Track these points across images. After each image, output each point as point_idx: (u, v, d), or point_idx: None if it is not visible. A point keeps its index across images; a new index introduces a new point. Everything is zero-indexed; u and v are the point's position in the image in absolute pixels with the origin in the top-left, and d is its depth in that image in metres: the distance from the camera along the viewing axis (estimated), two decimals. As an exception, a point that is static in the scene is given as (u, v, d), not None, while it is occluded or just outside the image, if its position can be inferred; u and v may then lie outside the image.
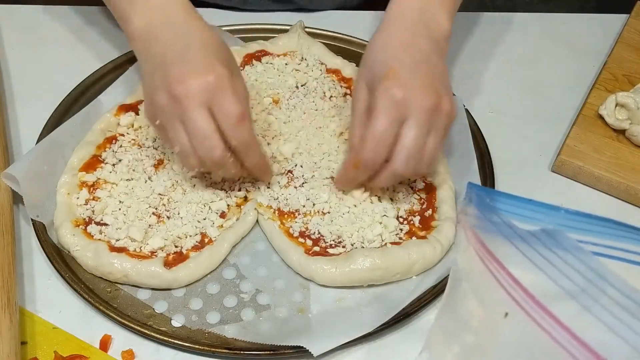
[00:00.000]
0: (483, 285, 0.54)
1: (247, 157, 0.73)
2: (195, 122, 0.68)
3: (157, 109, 0.71)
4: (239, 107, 0.69)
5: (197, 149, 0.70)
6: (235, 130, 0.69)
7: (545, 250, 0.49)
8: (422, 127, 0.70)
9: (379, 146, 0.70)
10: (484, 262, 0.53)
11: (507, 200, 0.52)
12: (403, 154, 0.70)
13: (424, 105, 0.70)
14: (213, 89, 0.68)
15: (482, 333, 0.57)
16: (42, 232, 0.75)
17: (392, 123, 0.70)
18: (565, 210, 0.51)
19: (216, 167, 0.73)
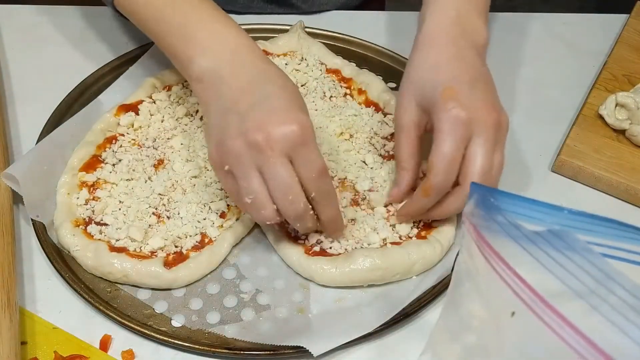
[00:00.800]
0: (488, 285, 0.54)
1: (325, 210, 0.70)
2: (279, 172, 0.65)
3: (229, 155, 0.67)
4: (321, 161, 0.67)
5: (279, 200, 0.66)
6: (318, 183, 0.67)
7: (553, 250, 0.49)
8: (489, 145, 0.69)
9: (449, 170, 0.69)
10: (489, 262, 0.53)
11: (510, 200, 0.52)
12: (476, 175, 0.69)
13: (487, 123, 0.69)
14: (296, 140, 0.65)
15: (486, 333, 0.57)
16: (42, 232, 0.75)
17: (459, 144, 0.68)
18: (568, 210, 0.51)
19: (296, 220, 0.69)
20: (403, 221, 0.77)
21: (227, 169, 0.67)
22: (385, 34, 1.04)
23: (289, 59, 0.95)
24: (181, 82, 0.92)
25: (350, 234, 0.77)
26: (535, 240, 0.50)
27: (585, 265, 0.48)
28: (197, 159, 0.82)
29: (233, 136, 0.66)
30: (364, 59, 0.99)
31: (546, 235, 0.49)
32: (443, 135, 0.69)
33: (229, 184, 0.69)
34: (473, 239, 0.54)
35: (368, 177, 0.82)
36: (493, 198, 0.52)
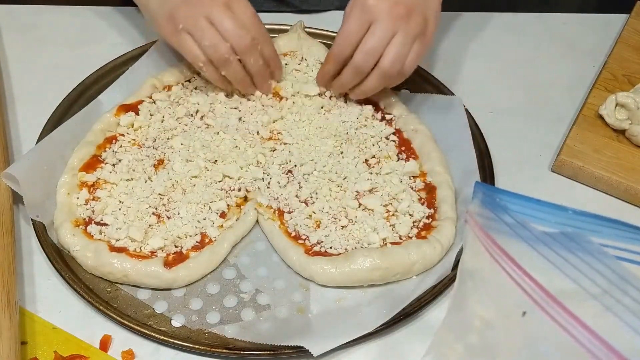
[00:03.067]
0: (496, 285, 0.53)
1: (264, 47, 0.84)
2: (224, 17, 0.80)
3: (179, 18, 0.80)
4: (251, 6, 0.82)
5: (230, 37, 0.80)
6: (253, 24, 0.82)
7: (565, 251, 0.49)
8: (384, 29, 0.79)
9: (345, 42, 0.81)
10: (498, 262, 0.52)
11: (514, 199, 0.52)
12: (363, 48, 0.80)
13: (391, 12, 0.79)
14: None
15: (492, 332, 0.56)
16: (42, 232, 0.75)
17: (360, 24, 0.80)
18: (572, 210, 0.51)
19: (246, 55, 0.82)
20: (319, 84, 0.89)
21: (181, 27, 0.81)
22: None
23: (289, 59, 0.95)
24: (181, 82, 0.92)
25: (350, 234, 0.77)
26: (545, 240, 0.49)
27: (598, 267, 0.48)
28: (197, 159, 0.82)
29: (180, 4, 0.81)
30: (364, 59, 0.98)
31: (557, 236, 0.49)
32: (348, 14, 0.81)
33: (184, 40, 0.82)
34: (479, 238, 0.54)
35: (368, 177, 0.82)
36: (499, 198, 0.52)
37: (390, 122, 0.88)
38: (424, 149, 0.85)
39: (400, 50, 0.80)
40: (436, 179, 0.82)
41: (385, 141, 0.87)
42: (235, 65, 0.83)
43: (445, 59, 1.01)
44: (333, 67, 0.84)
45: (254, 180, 0.82)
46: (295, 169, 0.83)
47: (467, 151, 0.84)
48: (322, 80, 0.88)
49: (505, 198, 0.52)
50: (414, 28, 0.80)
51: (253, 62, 0.84)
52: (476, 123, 0.89)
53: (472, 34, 1.06)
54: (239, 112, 0.89)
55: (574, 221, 0.51)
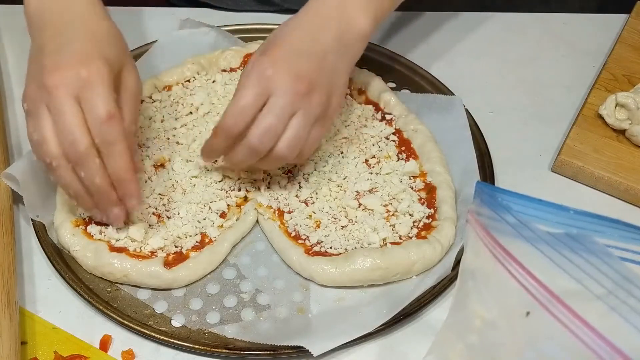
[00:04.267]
0: (499, 285, 0.53)
1: (110, 160, 0.67)
2: (62, 112, 0.65)
3: (26, 95, 0.68)
4: (108, 105, 0.65)
5: (62, 140, 0.66)
6: (102, 128, 0.66)
7: (569, 252, 0.49)
8: (283, 107, 0.70)
9: (238, 115, 0.70)
10: (500, 262, 0.52)
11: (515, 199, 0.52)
12: (258, 127, 0.70)
13: (290, 88, 0.70)
14: (84, 84, 0.65)
15: (494, 332, 0.56)
16: (42, 232, 0.75)
17: (255, 96, 0.70)
18: (574, 210, 0.51)
19: (80, 166, 0.67)
20: (203, 159, 0.79)
21: (25, 107, 0.68)
22: (384, 33, 1.04)
23: (289, 59, 0.95)
24: (181, 82, 0.92)
25: (350, 234, 0.77)
26: (549, 241, 0.49)
27: (603, 267, 0.47)
28: (197, 159, 0.82)
29: (32, 78, 0.68)
30: (363, 59, 0.98)
31: (561, 237, 0.49)
32: (243, 83, 0.71)
33: (27, 123, 0.69)
34: (480, 238, 0.54)
35: (368, 177, 0.82)
36: (500, 197, 0.52)
37: (390, 122, 0.88)
38: (424, 149, 0.85)
39: (299, 133, 0.71)
40: (436, 179, 0.82)
41: (385, 141, 0.87)
42: (65, 173, 0.68)
43: (445, 59, 1.01)
44: (223, 142, 0.73)
45: (254, 180, 0.82)
46: (295, 169, 0.83)
47: (467, 151, 0.84)
48: (208, 156, 0.78)
49: (507, 198, 0.52)
50: (315, 108, 0.71)
51: (85, 177, 0.67)
52: (476, 123, 0.89)
53: (472, 34, 1.06)
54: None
55: (575, 221, 0.51)
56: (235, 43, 0.97)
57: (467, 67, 1.01)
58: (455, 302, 0.61)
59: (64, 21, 0.71)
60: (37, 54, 0.70)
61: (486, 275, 0.55)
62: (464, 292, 0.58)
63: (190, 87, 0.91)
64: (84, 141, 0.65)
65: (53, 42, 0.69)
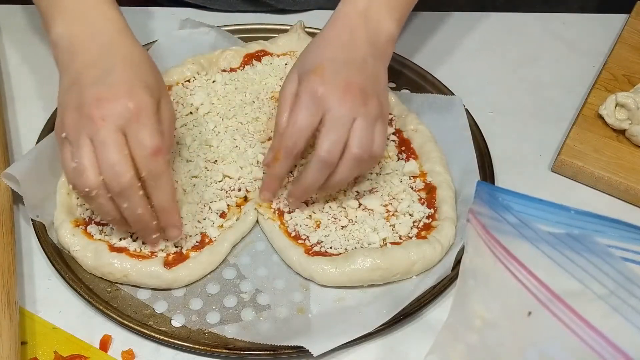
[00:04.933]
0: (500, 285, 0.53)
1: (155, 193, 0.68)
2: (107, 143, 0.65)
3: (65, 125, 0.67)
4: (155, 140, 0.66)
5: (104, 171, 0.65)
6: (150, 162, 0.66)
7: (570, 252, 0.49)
8: (342, 116, 0.71)
9: (298, 134, 0.71)
10: (501, 262, 0.52)
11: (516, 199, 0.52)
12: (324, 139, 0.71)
13: (344, 101, 0.71)
14: (130, 116, 0.65)
15: (495, 332, 0.56)
16: (42, 232, 0.75)
17: (311, 115, 0.71)
18: (575, 210, 0.51)
19: (119, 197, 0.66)
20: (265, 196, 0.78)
21: (64, 136, 0.67)
22: (385, 34, 1.04)
23: (289, 59, 0.95)
24: (181, 82, 0.92)
25: (350, 234, 0.77)
26: (550, 241, 0.49)
27: (605, 267, 0.47)
28: (197, 159, 0.82)
29: (72, 109, 0.67)
30: (364, 59, 0.98)
31: (562, 237, 0.49)
32: (297, 104, 0.72)
33: (63, 150, 0.68)
34: (481, 237, 0.54)
35: (368, 177, 0.82)
36: (501, 197, 0.52)
37: (390, 122, 0.88)
38: (423, 149, 0.85)
39: (365, 133, 0.72)
40: (436, 179, 0.82)
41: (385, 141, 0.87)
42: (104, 202, 0.67)
43: (445, 59, 1.01)
44: (287, 163, 0.73)
45: (254, 180, 0.82)
46: (295, 168, 0.83)
47: (467, 151, 0.84)
48: (274, 184, 0.77)
49: (507, 197, 0.52)
50: (372, 111, 0.72)
51: (127, 208, 0.67)
52: (476, 123, 0.89)
53: (472, 34, 1.06)
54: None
55: (576, 221, 0.51)
56: (235, 43, 0.97)
57: (467, 67, 1.01)
58: (456, 302, 0.61)
59: (97, 46, 0.70)
60: (74, 83, 0.68)
61: (487, 274, 0.55)
62: (465, 292, 0.58)
63: (190, 87, 0.91)
64: (128, 175, 0.65)
65: (91, 70, 0.68)
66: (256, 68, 0.94)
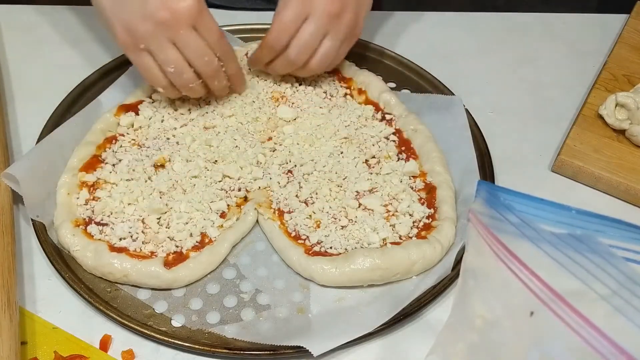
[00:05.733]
0: (502, 284, 0.53)
1: (229, 65, 0.83)
2: (191, 40, 0.77)
3: (140, 37, 0.76)
4: (217, 25, 0.79)
5: (197, 64, 0.79)
6: (220, 44, 0.79)
7: (573, 252, 0.48)
8: (318, 27, 0.81)
9: (280, 33, 0.82)
10: (503, 262, 0.52)
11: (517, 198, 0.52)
12: (296, 44, 0.82)
13: (326, 9, 0.80)
14: (195, 12, 0.76)
15: (498, 332, 0.56)
16: (42, 232, 0.75)
17: (295, 16, 0.81)
18: (576, 210, 0.51)
19: (213, 78, 0.82)
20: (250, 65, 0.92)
21: (142, 47, 0.77)
22: (384, 33, 1.05)
23: (289, 59, 0.95)
24: (181, 82, 0.92)
25: (350, 234, 0.77)
26: (552, 241, 0.49)
27: (608, 268, 0.47)
28: (197, 159, 0.82)
29: (141, 18, 0.75)
30: (363, 58, 0.99)
31: (565, 237, 0.49)
32: (284, 3, 0.81)
33: (145, 61, 0.79)
34: (482, 236, 0.54)
35: (368, 177, 0.82)
36: (503, 197, 0.52)
37: (390, 122, 0.88)
38: (424, 149, 0.85)
39: (329, 51, 0.83)
40: (436, 179, 0.82)
41: (385, 141, 0.87)
42: (198, 88, 0.83)
43: (446, 59, 1.01)
44: (268, 55, 0.85)
45: (254, 180, 0.82)
46: (295, 169, 0.83)
47: (467, 151, 0.84)
48: (254, 64, 0.90)
49: (509, 197, 0.52)
50: (344, 29, 0.83)
51: (217, 84, 0.84)
52: (476, 123, 0.89)
53: (472, 34, 1.06)
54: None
55: (577, 221, 0.51)
56: (235, 43, 0.97)
57: (467, 67, 1.01)
58: (457, 302, 0.61)
59: None
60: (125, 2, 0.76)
61: (488, 274, 0.55)
62: (466, 292, 0.58)
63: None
64: (215, 60, 0.80)
65: None
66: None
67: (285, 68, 0.86)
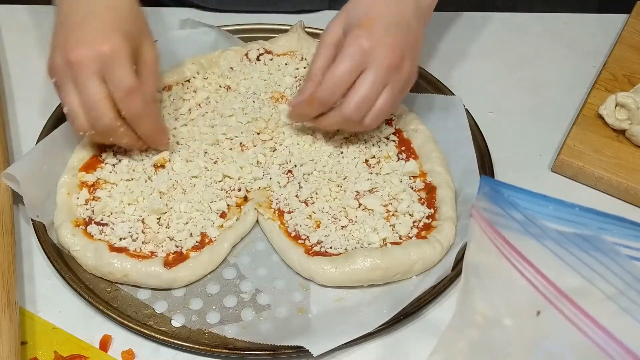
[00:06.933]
0: (506, 282, 0.53)
1: (139, 127, 0.76)
2: (87, 88, 0.71)
3: (53, 69, 0.73)
4: (130, 80, 0.71)
5: (88, 114, 0.73)
6: (126, 101, 0.72)
7: (579, 251, 0.48)
8: (378, 79, 0.74)
9: (336, 87, 0.74)
10: (507, 259, 0.52)
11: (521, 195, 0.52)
12: (354, 99, 0.74)
13: (385, 60, 0.74)
14: (106, 60, 0.70)
15: (502, 330, 0.56)
16: (42, 232, 0.75)
17: (353, 68, 0.74)
18: (579, 207, 0.50)
19: (106, 134, 0.75)
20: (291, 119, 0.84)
21: (54, 81, 0.74)
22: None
23: (289, 58, 0.95)
24: (181, 82, 0.92)
25: (350, 234, 0.77)
26: (557, 239, 0.49)
27: (614, 267, 0.47)
28: (197, 159, 0.82)
29: (58, 51, 0.73)
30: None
31: (570, 235, 0.48)
32: (341, 55, 0.74)
33: (58, 93, 0.75)
34: (485, 233, 0.53)
35: (368, 177, 0.82)
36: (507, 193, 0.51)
37: (390, 122, 0.88)
38: (424, 149, 0.85)
39: (386, 106, 0.76)
40: (436, 179, 0.82)
41: (385, 141, 0.87)
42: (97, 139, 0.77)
43: (446, 59, 1.01)
44: (318, 110, 0.78)
45: (254, 180, 0.82)
46: (295, 169, 0.83)
47: (467, 151, 0.84)
48: (297, 119, 0.83)
49: (512, 194, 0.52)
50: (403, 79, 0.76)
51: (113, 140, 0.76)
52: (476, 123, 0.89)
53: (472, 34, 1.06)
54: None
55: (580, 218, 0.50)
56: (235, 43, 0.97)
57: (467, 67, 1.01)
58: (460, 301, 0.60)
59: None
60: (61, 26, 0.74)
61: (491, 270, 0.54)
62: (468, 289, 0.58)
63: (190, 87, 0.91)
64: (107, 116, 0.72)
65: (75, 14, 0.73)
66: (256, 67, 0.94)
67: (337, 124, 0.78)
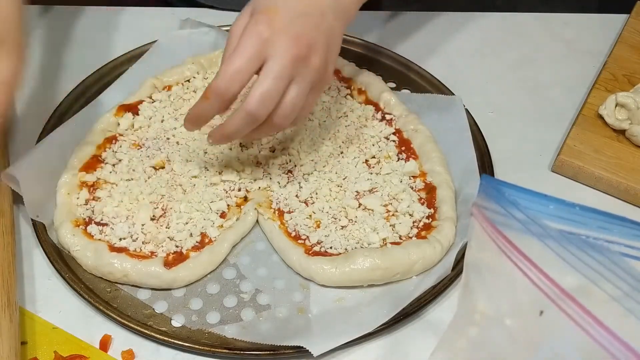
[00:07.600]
0: (508, 282, 0.52)
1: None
2: None
3: None
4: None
5: None
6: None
7: (581, 252, 0.48)
8: (281, 71, 0.67)
9: (232, 78, 0.67)
10: (509, 258, 0.51)
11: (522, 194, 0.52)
12: (256, 92, 0.67)
13: (289, 51, 0.67)
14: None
15: (504, 329, 0.55)
16: (42, 232, 0.75)
17: (250, 57, 0.67)
18: (579, 206, 0.50)
19: None
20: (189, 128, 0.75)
21: None
22: (384, 33, 1.04)
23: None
24: (181, 82, 0.92)
25: (350, 234, 0.77)
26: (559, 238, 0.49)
27: (617, 269, 0.47)
28: (197, 159, 0.82)
29: None
30: (363, 58, 0.98)
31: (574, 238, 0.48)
32: (238, 45, 0.68)
33: None
34: (487, 232, 0.53)
35: (368, 177, 0.82)
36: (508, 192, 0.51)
37: (390, 122, 0.88)
38: (424, 149, 0.85)
39: (296, 100, 0.69)
40: (436, 179, 0.82)
41: (385, 141, 0.87)
42: None
43: (446, 59, 1.01)
44: (216, 105, 0.69)
45: (254, 180, 0.82)
46: (295, 169, 0.83)
47: (467, 151, 0.84)
48: (195, 122, 0.74)
49: (514, 193, 0.51)
50: (312, 73, 0.69)
51: None
52: (476, 123, 0.89)
53: (472, 34, 1.06)
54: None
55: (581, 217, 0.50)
56: (235, 43, 0.97)
57: (467, 67, 1.01)
58: (461, 300, 0.60)
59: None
60: None
61: (492, 269, 0.54)
62: (468, 288, 0.58)
63: (190, 87, 0.91)
64: None
65: None
66: (256, 68, 0.94)
67: (243, 125, 0.70)
